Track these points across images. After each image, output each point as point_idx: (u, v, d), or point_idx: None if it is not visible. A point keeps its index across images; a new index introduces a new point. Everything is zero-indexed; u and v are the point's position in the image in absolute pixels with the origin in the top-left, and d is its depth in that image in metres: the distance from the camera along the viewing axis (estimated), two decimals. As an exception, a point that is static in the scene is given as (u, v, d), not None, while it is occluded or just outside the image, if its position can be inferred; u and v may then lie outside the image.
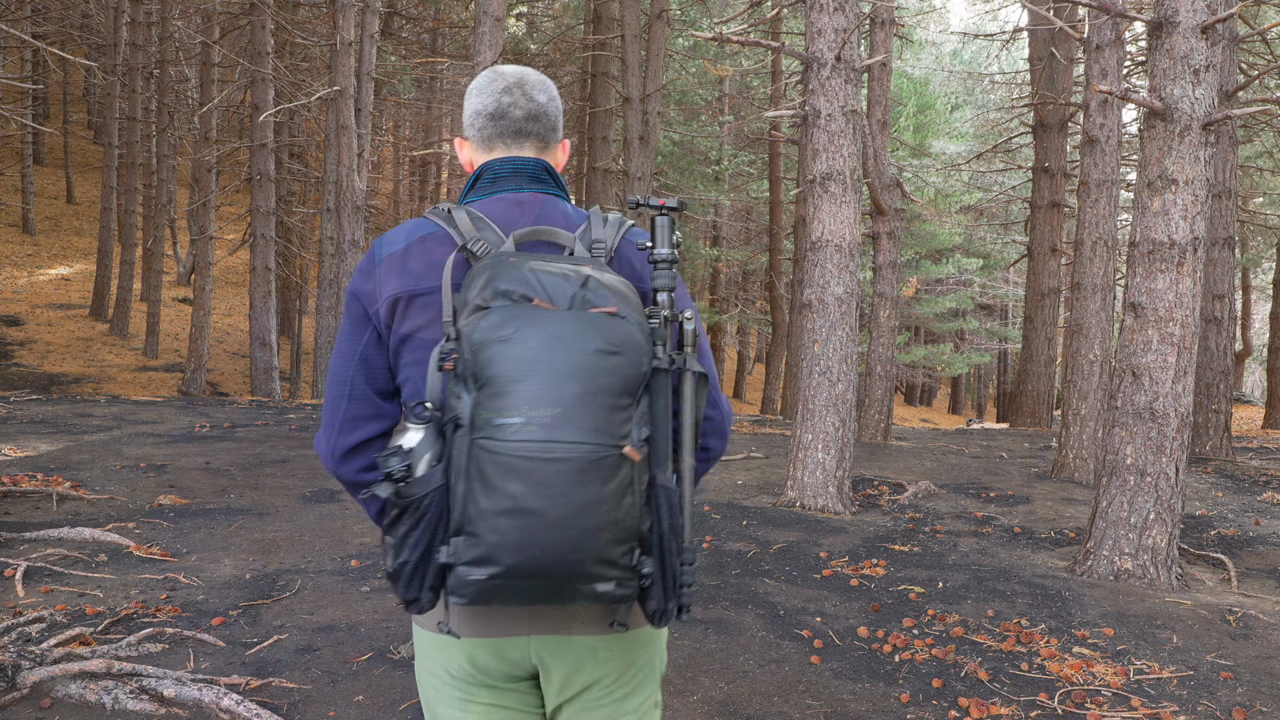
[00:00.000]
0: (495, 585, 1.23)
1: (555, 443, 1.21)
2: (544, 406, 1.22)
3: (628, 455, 1.24)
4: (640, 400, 1.28)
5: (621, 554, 1.26)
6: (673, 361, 1.32)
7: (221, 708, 2.98)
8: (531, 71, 1.62)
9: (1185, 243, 4.94)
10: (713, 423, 1.51)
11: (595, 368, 1.24)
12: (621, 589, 1.27)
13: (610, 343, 1.26)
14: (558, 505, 1.21)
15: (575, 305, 1.29)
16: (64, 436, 8.02)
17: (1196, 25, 4.82)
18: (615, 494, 1.24)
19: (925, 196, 21.93)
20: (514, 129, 1.57)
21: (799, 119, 6.91)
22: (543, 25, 23.79)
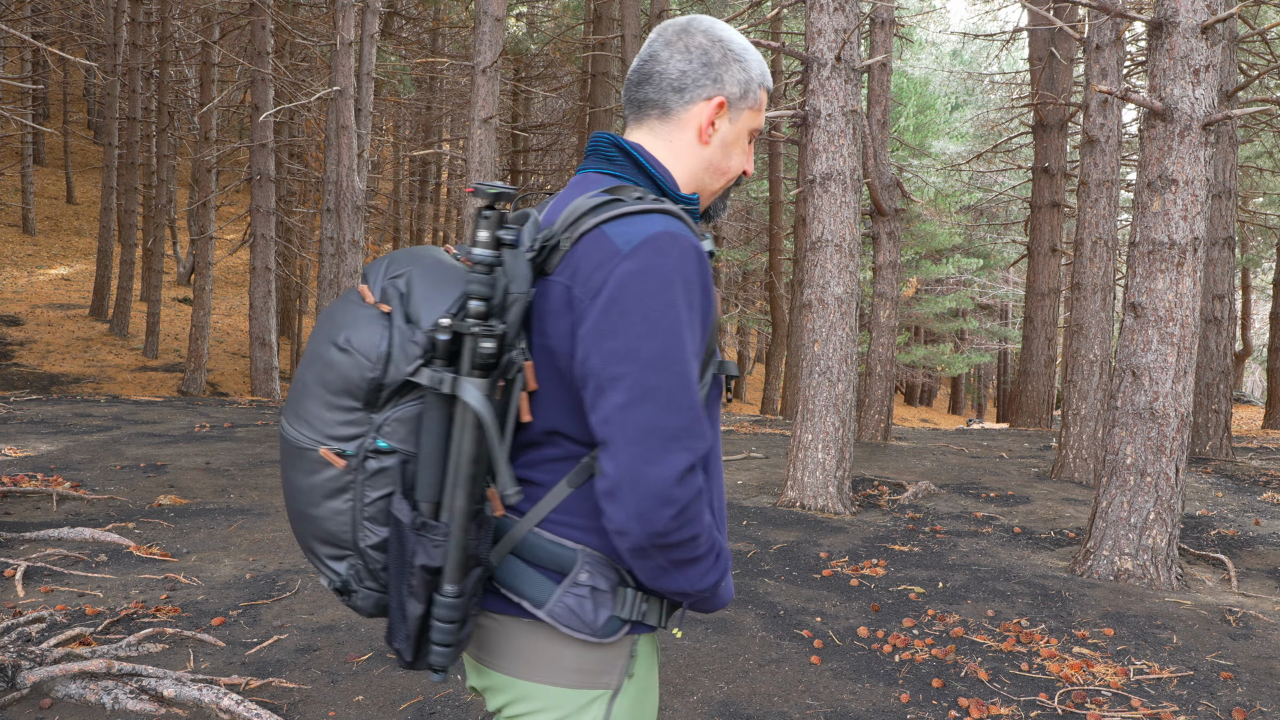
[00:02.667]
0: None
1: (284, 422, 1.27)
2: (292, 388, 1.26)
3: (325, 457, 1.20)
4: (384, 408, 1.19)
5: (328, 555, 1.24)
6: (431, 377, 1.16)
7: (221, 708, 2.98)
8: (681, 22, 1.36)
9: (1185, 243, 4.94)
10: (605, 480, 1.16)
11: (324, 360, 1.21)
12: (343, 595, 1.25)
13: (347, 339, 1.19)
14: (284, 479, 1.27)
15: (382, 297, 1.23)
16: (64, 436, 8.02)
17: (1196, 25, 4.82)
18: (316, 491, 1.21)
19: (925, 196, 21.93)
20: (629, 99, 1.37)
21: (799, 119, 6.91)
22: (543, 25, 23.79)
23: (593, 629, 1.24)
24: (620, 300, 1.15)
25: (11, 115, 12.48)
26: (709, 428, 1.24)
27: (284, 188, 20.15)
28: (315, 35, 17.29)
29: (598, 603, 1.25)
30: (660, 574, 1.22)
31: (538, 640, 1.26)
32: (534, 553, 1.26)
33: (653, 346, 1.15)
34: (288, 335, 23.39)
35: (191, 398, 14.05)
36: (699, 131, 1.34)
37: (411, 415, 1.19)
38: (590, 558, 1.25)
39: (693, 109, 1.33)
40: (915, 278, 23.53)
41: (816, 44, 6.68)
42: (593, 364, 1.16)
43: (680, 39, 1.33)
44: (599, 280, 1.17)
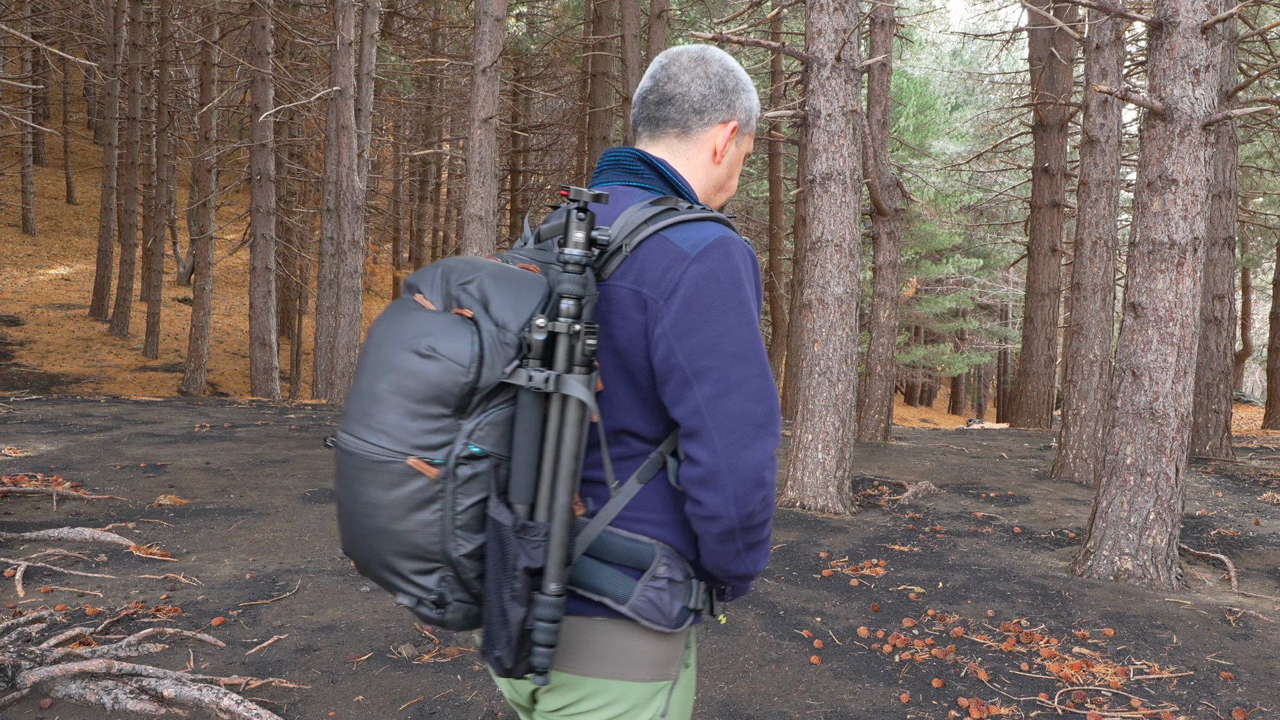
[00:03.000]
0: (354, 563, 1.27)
1: (350, 436, 1.21)
2: (353, 399, 1.22)
3: (415, 468, 1.16)
4: (474, 414, 1.17)
5: (413, 570, 1.20)
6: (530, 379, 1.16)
7: (221, 708, 2.98)
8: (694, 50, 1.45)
9: (1185, 243, 4.94)
10: (700, 469, 1.23)
11: (403, 369, 1.17)
12: (424, 609, 1.21)
13: (431, 346, 1.16)
14: (349, 497, 1.22)
15: (447, 303, 1.22)
16: (64, 436, 8.02)
17: (1196, 25, 4.82)
18: (401, 505, 1.17)
19: (925, 196, 21.93)
20: (646, 115, 1.44)
21: (799, 119, 6.91)
22: (543, 25, 23.79)
23: (669, 620, 1.29)
24: (697, 299, 1.23)
25: (11, 115, 12.48)
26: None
27: (284, 188, 20.15)
28: (315, 35, 17.29)
29: (673, 595, 1.30)
30: (733, 558, 1.29)
31: (614, 637, 1.29)
32: (610, 551, 1.28)
33: (734, 340, 1.23)
34: (288, 335, 23.39)
35: (191, 398, 14.06)
36: (714, 152, 1.44)
37: (503, 418, 1.18)
38: (665, 551, 1.30)
39: (710, 130, 1.43)
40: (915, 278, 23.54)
41: (816, 44, 6.68)
42: (677, 359, 1.22)
43: (699, 66, 1.42)
44: (671, 282, 1.24)
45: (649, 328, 1.25)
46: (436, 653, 3.61)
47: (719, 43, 7.06)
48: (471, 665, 3.53)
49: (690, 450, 1.24)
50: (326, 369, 15.44)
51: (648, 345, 1.26)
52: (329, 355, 15.16)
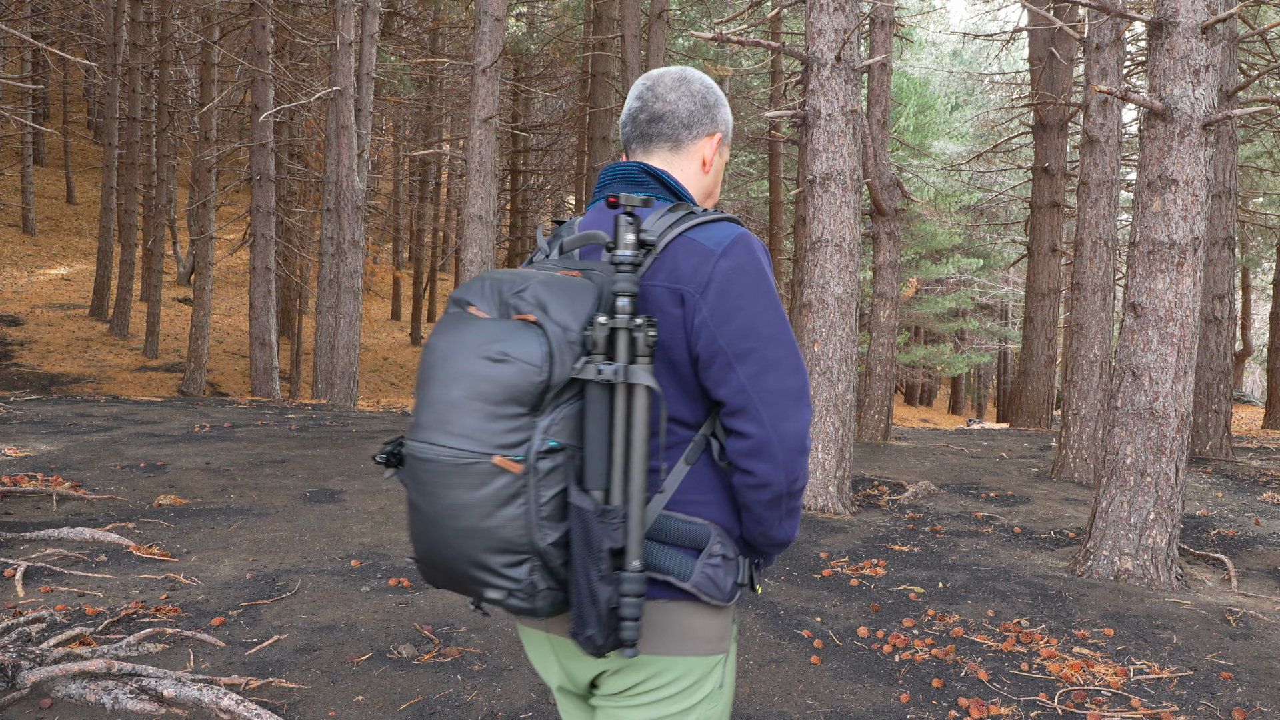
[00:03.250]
0: (423, 569, 1.35)
1: (427, 444, 1.28)
2: (426, 409, 1.29)
3: (500, 465, 1.23)
4: (548, 411, 1.24)
5: (504, 564, 1.25)
6: (599, 373, 1.25)
7: (221, 708, 2.98)
8: (674, 71, 1.57)
9: (1185, 243, 4.94)
10: (751, 442, 1.35)
11: (477, 374, 1.25)
12: (514, 600, 1.27)
13: (500, 350, 1.24)
14: (430, 503, 1.28)
15: (503, 311, 1.30)
16: (64, 436, 8.02)
17: (1196, 25, 4.82)
18: (488, 502, 1.23)
19: (925, 196, 21.94)
20: (639, 133, 1.56)
21: (799, 119, 6.91)
22: (543, 25, 23.79)
23: (724, 594, 1.39)
24: (730, 290, 1.35)
25: (11, 115, 12.48)
26: None
27: (284, 188, 20.15)
28: (315, 35, 17.29)
29: (726, 570, 1.40)
30: (776, 524, 1.42)
31: (677, 615, 1.38)
32: (668, 533, 1.37)
33: (767, 324, 1.36)
34: (288, 335, 23.39)
35: (191, 398, 14.06)
36: (703, 162, 1.57)
37: (574, 412, 1.26)
38: (718, 531, 1.40)
39: (699, 143, 1.56)
40: (915, 278, 23.53)
41: (816, 44, 6.68)
42: (719, 344, 1.34)
43: (683, 85, 1.54)
44: (704, 276, 1.35)
45: (687, 320, 1.35)
46: (436, 653, 3.62)
47: (719, 42, 7.06)
48: (472, 665, 3.53)
49: (738, 426, 1.35)
50: (326, 369, 15.44)
51: (687, 336, 1.36)
52: (329, 355, 15.16)
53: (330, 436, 8.91)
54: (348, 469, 7.23)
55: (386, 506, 6.08)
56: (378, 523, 5.66)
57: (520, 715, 3.15)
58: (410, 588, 4.44)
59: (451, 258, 34.22)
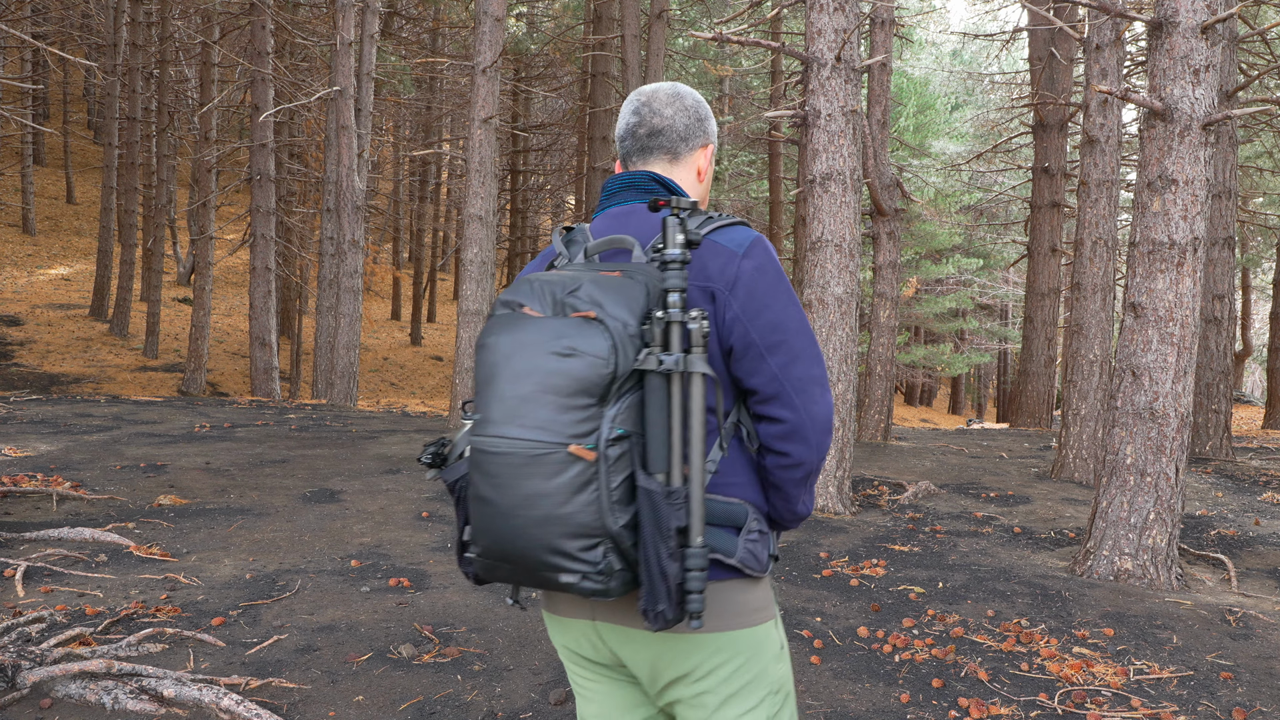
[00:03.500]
0: (485, 564, 1.40)
1: (500, 438, 1.33)
2: (496, 405, 1.35)
3: (576, 454, 1.29)
4: (614, 400, 1.32)
5: (579, 548, 1.31)
6: (660, 364, 1.32)
7: (221, 708, 2.98)
8: (666, 87, 1.67)
9: (1185, 243, 4.94)
10: (786, 425, 1.47)
11: (546, 369, 1.32)
12: (589, 583, 1.32)
13: (568, 345, 1.31)
14: (504, 495, 1.33)
15: (557, 310, 1.37)
16: (64, 436, 8.02)
17: (1196, 25, 4.82)
18: (563, 489, 1.29)
19: (925, 196, 21.93)
20: (639, 146, 1.66)
21: (799, 119, 6.91)
22: (543, 25, 23.79)
23: (763, 566, 1.49)
24: (756, 287, 1.47)
25: (11, 115, 12.48)
26: None
27: (284, 188, 20.15)
28: (315, 35, 17.30)
29: (763, 544, 1.50)
30: (800, 500, 1.54)
31: (728, 593, 1.48)
32: (711, 514, 1.47)
33: (792, 318, 1.49)
34: (288, 335, 23.39)
35: (191, 398, 14.06)
36: (698, 172, 1.68)
37: (635, 401, 1.34)
38: (752, 509, 1.50)
39: (694, 154, 1.67)
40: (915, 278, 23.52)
41: (816, 44, 6.68)
42: (752, 337, 1.46)
43: (677, 100, 1.65)
44: (731, 275, 1.47)
45: (718, 315, 1.47)
46: (436, 653, 3.62)
47: (719, 42, 7.06)
48: (472, 665, 3.53)
49: (772, 412, 1.48)
50: (326, 369, 15.43)
51: (719, 330, 1.47)
52: (329, 355, 15.16)
53: (330, 436, 8.91)
54: (348, 469, 7.23)
55: (386, 506, 6.08)
56: (378, 523, 5.66)
57: (520, 715, 3.15)
58: (410, 588, 4.44)
59: (451, 258, 34.21)
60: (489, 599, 4.31)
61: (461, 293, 10.13)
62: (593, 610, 1.51)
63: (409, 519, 5.80)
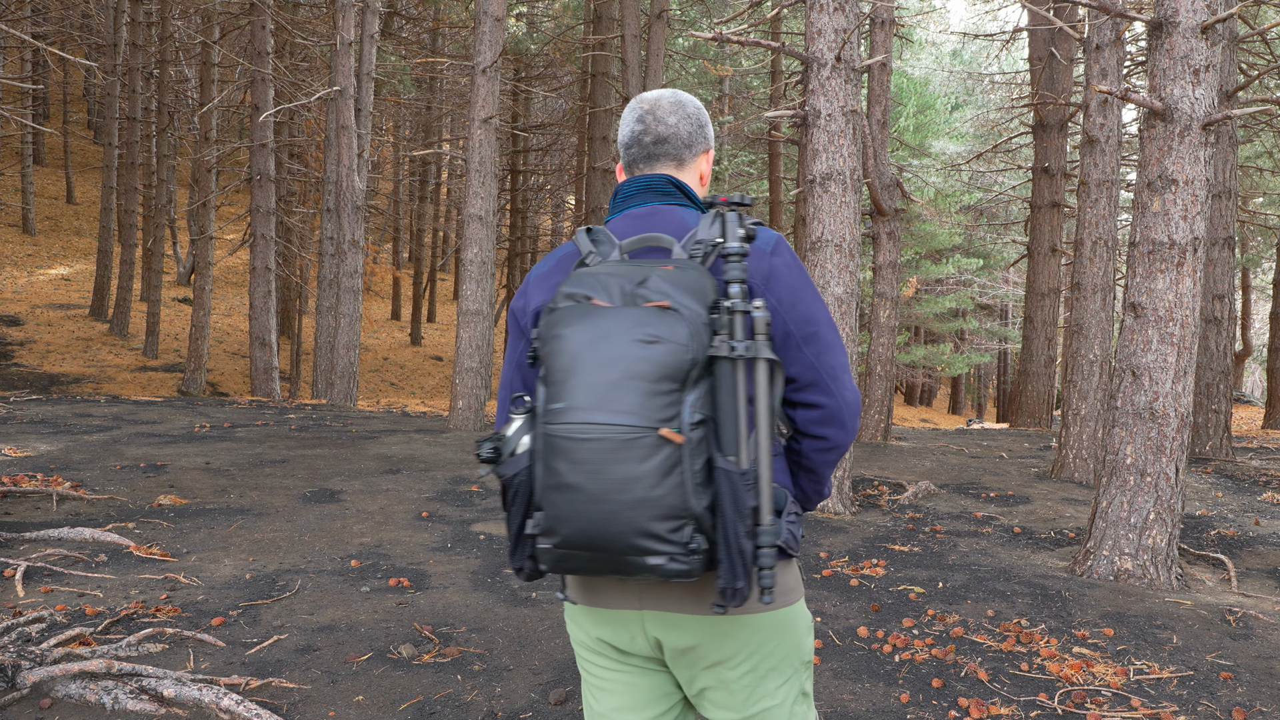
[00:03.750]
0: (561, 554, 1.40)
1: (591, 424, 1.35)
2: (583, 392, 1.36)
3: (666, 437, 1.33)
4: (693, 386, 1.37)
5: (669, 530, 1.35)
6: (732, 349, 1.38)
7: (221, 708, 2.98)
8: (668, 95, 1.73)
9: (1185, 243, 4.94)
10: (825, 411, 1.57)
11: (633, 356, 1.35)
12: (675, 564, 1.36)
13: (651, 333, 1.36)
14: (595, 481, 1.34)
15: (628, 301, 1.41)
16: (64, 436, 8.02)
17: (1196, 25, 4.82)
18: (654, 472, 1.33)
19: (925, 196, 21.93)
20: (645, 154, 1.72)
21: (799, 119, 6.91)
22: (543, 25, 23.79)
23: (798, 545, 1.59)
24: (789, 283, 1.57)
25: (11, 115, 12.48)
26: None
27: (284, 188, 20.15)
28: (315, 35, 17.29)
29: (799, 526, 1.59)
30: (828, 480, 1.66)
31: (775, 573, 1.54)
32: None
33: (821, 310, 1.60)
34: (288, 335, 23.38)
35: (191, 398, 14.06)
36: (700, 176, 1.75)
37: (708, 387, 1.39)
38: (788, 493, 1.58)
39: (697, 159, 1.74)
40: (915, 278, 23.51)
41: (816, 44, 6.68)
42: (790, 329, 1.56)
43: (679, 109, 1.72)
44: (764, 271, 1.56)
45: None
46: (436, 653, 3.62)
47: (719, 42, 7.06)
48: (472, 665, 3.53)
49: (810, 398, 1.57)
50: (326, 369, 15.43)
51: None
52: (329, 355, 15.16)
53: (330, 436, 8.91)
54: (348, 469, 7.23)
55: (386, 506, 6.08)
56: (378, 523, 5.66)
57: (520, 715, 3.15)
58: (410, 588, 4.44)
59: (451, 258, 34.21)
60: (489, 599, 4.32)
61: (461, 293, 10.13)
62: (641, 599, 1.54)
63: (409, 519, 5.80)
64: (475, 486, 6.81)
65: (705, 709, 1.64)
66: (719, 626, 1.54)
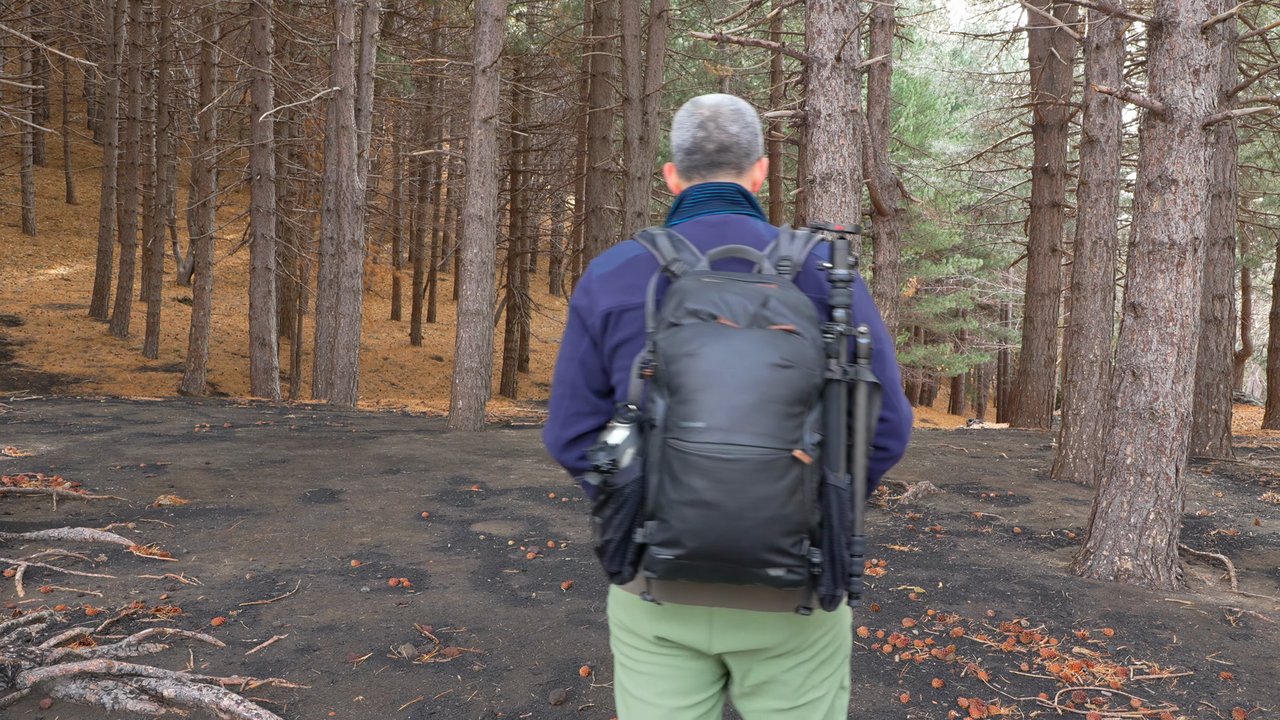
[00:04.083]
0: (681, 564, 1.45)
1: (731, 445, 1.40)
2: (722, 413, 1.41)
3: (798, 458, 1.41)
4: (813, 408, 1.45)
5: (791, 544, 1.43)
6: (845, 373, 1.47)
7: (221, 708, 2.98)
8: (727, 102, 1.76)
9: (1185, 243, 4.94)
10: (889, 424, 1.64)
11: (769, 379, 1.41)
12: (791, 575, 1.45)
13: (784, 357, 1.42)
14: (734, 499, 1.40)
15: (754, 323, 1.46)
16: (64, 436, 8.02)
17: (1196, 25, 4.82)
18: (786, 491, 1.41)
19: (925, 196, 21.93)
20: (707, 161, 1.74)
21: (799, 119, 6.91)
22: (543, 25, 23.78)
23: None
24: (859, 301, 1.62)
25: (11, 115, 12.48)
26: None
27: (284, 188, 20.15)
28: (315, 35, 17.29)
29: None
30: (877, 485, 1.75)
31: None
32: None
33: (883, 327, 1.64)
34: (288, 335, 23.38)
35: (191, 398, 14.06)
36: (754, 184, 1.80)
37: (821, 408, 1.47)
38: None
39: (754, 167, 1.78)
40: (915, 278, 23.50)
41: (816, 44, 6.68)
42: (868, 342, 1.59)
43: (740, 117, 1.75)
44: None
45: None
46: (436, 653, 3.62)
47: (719, 42, 7.06)
48: (472, 665, 3.53)
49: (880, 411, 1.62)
50: (326, 369, 15.43)
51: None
52: (329, 355, 15.16)
53: (330, 436, 8.91)
54: (348, 469, 7.23)
55: (386, 506, 6.08)
56: (378, 523, 5.66)
57: (520, 715, 3.15)
58: (410, 588, 4.44)
59: (451, 258, 34.20)
60: (489, 599, 4.32)
61: (461, 293, 10.13)
62: (715, 597, 1.60)
63: (409, 519, 5.80)
64: (475, 487, 6.81)
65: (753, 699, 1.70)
66: (789, 623, 1.62)
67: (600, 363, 1.69)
